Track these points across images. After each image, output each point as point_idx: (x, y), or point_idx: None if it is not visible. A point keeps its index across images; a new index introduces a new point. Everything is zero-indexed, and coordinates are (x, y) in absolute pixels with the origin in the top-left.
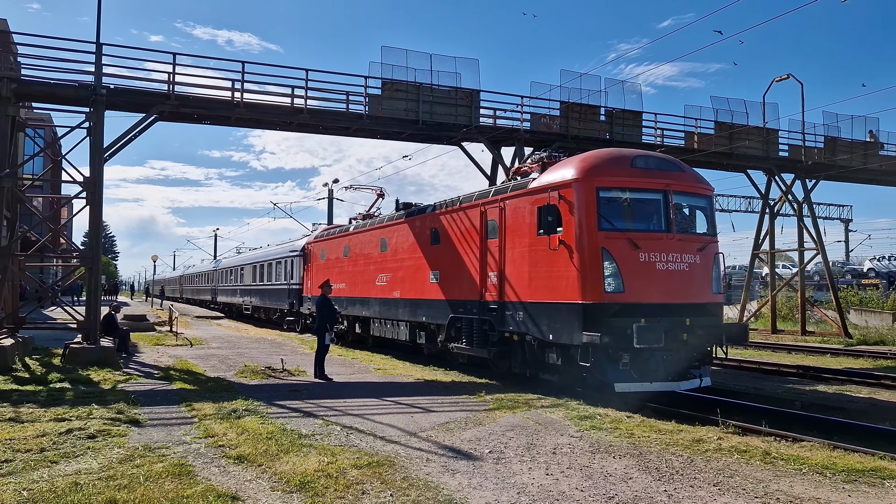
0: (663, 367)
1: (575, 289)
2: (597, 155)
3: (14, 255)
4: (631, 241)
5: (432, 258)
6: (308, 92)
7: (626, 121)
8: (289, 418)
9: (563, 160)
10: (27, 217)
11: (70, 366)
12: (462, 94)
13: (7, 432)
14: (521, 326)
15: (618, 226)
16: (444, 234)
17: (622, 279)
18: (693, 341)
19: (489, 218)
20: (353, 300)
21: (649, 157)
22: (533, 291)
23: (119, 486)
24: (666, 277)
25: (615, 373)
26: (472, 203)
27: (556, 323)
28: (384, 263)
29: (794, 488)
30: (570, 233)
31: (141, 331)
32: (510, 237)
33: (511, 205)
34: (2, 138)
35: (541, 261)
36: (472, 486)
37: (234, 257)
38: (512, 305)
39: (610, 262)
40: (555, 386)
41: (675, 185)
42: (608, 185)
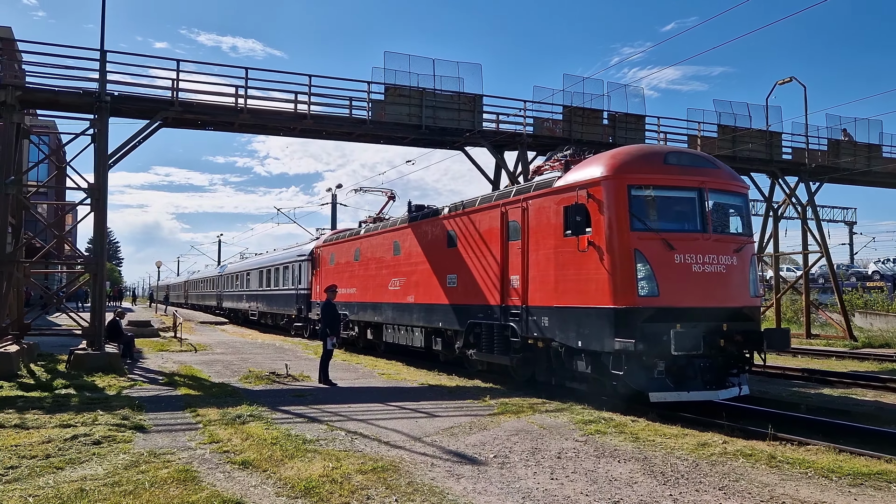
0: (701, 374)
1: (606, 292)
2: (627, 151)
3: (19, 261)
4: (665, 242)
5: (449, 261)
6: (311, 97)
7: (629, 124)
8: (293, 423)
9: (588, 158)
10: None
11: (75, 372)
12: (465, 99)
13: (12, 438)
14: (547, 332)
15: (651, 226)
16: (462, 236)
17: (656, 282)
18: (730, 347)
19: (510, 219)
20: (364, 305)
21: (682, 154)
22: (560, 295)
23: (124, 492)
24: (702, 280)
25: (649, 381)
26: (492, 204)
27: (585, 329)
28: (397, 267)
29: (800, 492)
30: (600, 233)
31: (145, 336)
32: (534, 239)
33: (535, 205)
34: (7, 145)
35: (568, 263)
36: (476, 491)
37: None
38: (536, 310)
39: (643, 264)
40: (558, 390)
41: (711, 182)
42: (640, 182)
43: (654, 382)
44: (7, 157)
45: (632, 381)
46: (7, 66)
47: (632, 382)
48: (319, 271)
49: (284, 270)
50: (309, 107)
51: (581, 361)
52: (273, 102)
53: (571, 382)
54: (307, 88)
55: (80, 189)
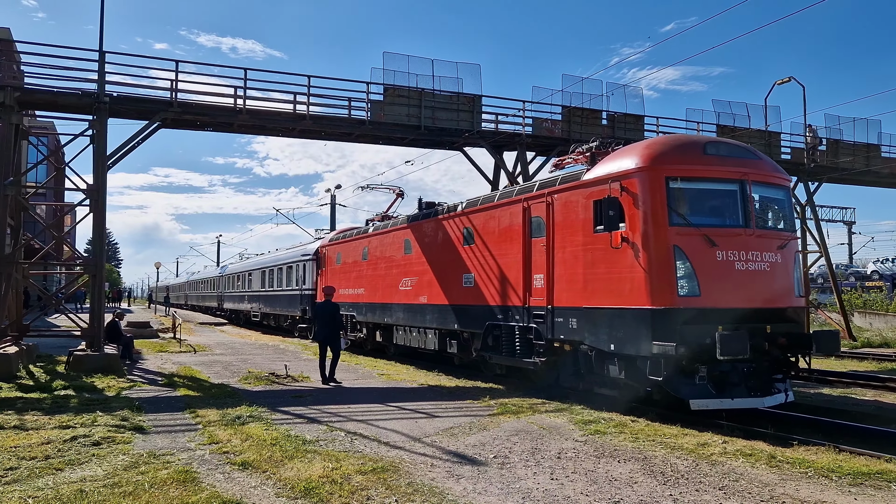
0: (745, 380)
1: (642, 292)
2: (663, 141)
3: (18, 262)
4: (706, 238)
5: (465, 260)
6: (310, 98)
7: (628, 124)
8: (293, 424)
9: (619, 149)
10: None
11: (74, 373)
12: (464, 99)
13: (12, 440)
14: (575, 335)
15: (691, 220)
16: (479, 233)
17: (697, 281)
18: (775, 351)
19: (533, 214)
20: (373, 306)
21: (721, 143)
22: (589, 295)
23: (124, 493)
24: (745, 279)
25: (690, 388)
26: (513, 199)
27: (618, 331)
28: (409, 266)
29: (800, 492)
30: (636, 229)
31: (145, 338)
32: (560, 235)
33: (561, 199)
34: (5, 146)
35: (599, 261)
36: (476, 492)
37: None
38: (563, 311)
39: (683, 262)
40: (559, 390)
41: (753, 174)
42: (679, 174)
43: (695, 389)
44: (6, 158)
45: (671, 387)
46: (6, 66)
47: (671, 389)
48: (325, 271)
49: (288, 270)
50: (308, 107)
51: (613, 366)
52: (272, 103)
53: (601, 388)
54: (306, 89)
55: (79, 190)
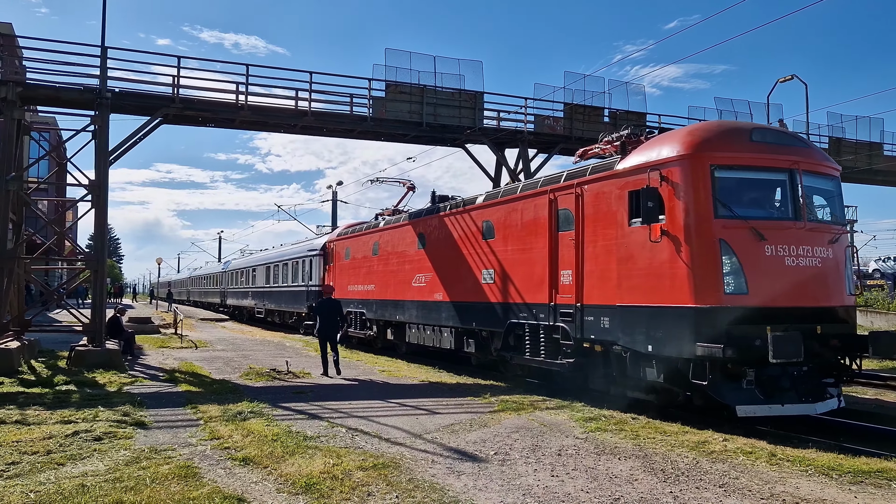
0: (795, 385)
1: (685, 289)
2: (707, 127)
3: (20, 257)
4: (754, 231)
5: (485, 255)
6: (312, 94)
7: (631, 122)
8: (294, 420)
9: (656, 136)
10: (32, 220)
11: (76, 368)
12: (466, 96)
13: (14, 435)
14: (607, 335)
15: (738, 212)
16: (501, 227)
17: (745, 278)
18: (826, 353)
19: (561, 207)
20: (384, 303)
21: (767, 130)
22: (624, 293)
23: (126, 488)
24: (795, 275)
25: (736, 393)
26: (538, 190)
27: (657, 331)
28: (422, 262)
29: (801, 489)
30: (677, 221)
31: (146, 333)
32: (591, 228)
33: (591, 190)
34: (7, 141)
35: (635, 256)
36: (477, 488)
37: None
38: (594, 310)
39: (730, 257)
40: (559, 388)
41: (803, 162)
42: (725, 162)
43: (742, 395)
44: (8, 154)
45: (716, 392)
46: (8, 62)
47: (715, 394)
48: (332, 267)
49: (294, 266)
50: (310, 104)
51: (651, 369)
52: (274, 99)
53: (635, 392)
54: (308, 85)
55: (80, 185)
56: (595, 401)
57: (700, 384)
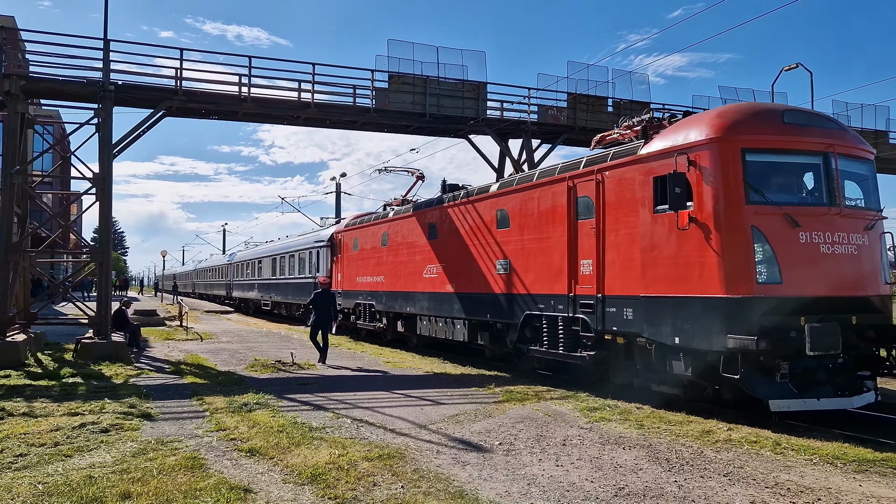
0: (831, 378)
1: (715, 279)
2: (737, 109)
3: (25, 251)
4: (788, 218)
5: (500, 245)
6: (315, 86)
7: (635, 112)
8: (299, 411)
9: (681, 120)
10: (37, 213)
11: (82, 361)
12: (469, 87)
13: (21, 427)
14: (631, 326)
15: (771, 198)
16: (516, 215)
17: (778, 266)
18: (861, 345)
19: (580, 194)
20: (394, 295)
21: (799, 112)
22: (649, 283)
23: (133, 479)
24: (830, 263)
25: (769, 387)
26: (555, 178)
27: (684, 322)
28: (434, 252)
29: (805, 478)
30: (706, 207)
31: (151, 325)
32: (612, 216)
33: (613, 177)
34: (11, 135)
35: (660, 244)
36: (482, 478)
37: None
38: (616, 300)
39: (762, 245)
40: (564, 378)
41: (838, 146)
42: (756, 145)
43: (776, 388)
44: (12, 147)
45: (748, 386)
46: (11, 55)
47: (748, 388)
48: (341, 258)
49: (301, 257)
50: (313, 95)
51: (678, 362)
52: (277, 91)
53: (660, 386)
54: (311, 77)
55: (85, 179)
56: (599, 391)
57: (732, 378)
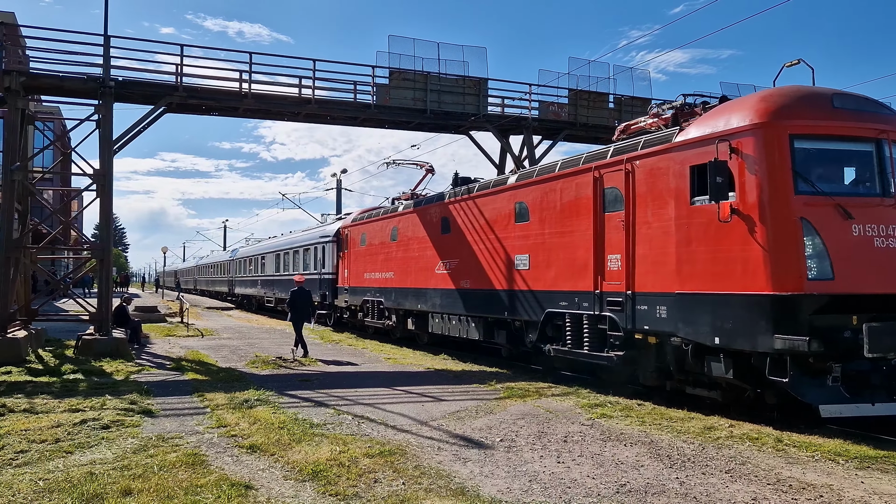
0: (887, 382)
1: (760, 274)
2: (783, 93)
3: (25, 247)
4: (840, 209)
5: (518, 239)
6: (315, 82)
7: (636, 108)
8: (300, 408)
9: (718, 105)
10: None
11: (83, 357)
12: (470, 83)
13: (22, 423)
14: (664, 325)
15: (821, 188)
16: (536, 208)
17: (829, 261)
18: None
19: (607, 185)
20: (404, 292)
21: (849, 96)
22: (684, 279)
23: (134, 476)
24: (884, 258)
25: (819, 391)
26: (580, 168)
27: (725, 321)
28: (447, 247)
29: (807, 475)
30: (751, 198)
31: (152, 322)
32: (643, 208)
33: (644, 166)
34: (11, 131)
35: (698, 238)
36: (483, 475)
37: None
38: (647, 298)
39: (812, 238)
40: (565, 375)
41: (892, 132)
42: (805, 131)
43: (826, 393)
44: (12, 144)
45: (797, 390)
46: (11, 51)
47: (796, 392)
48: (347, 253)
49: (305, 253)
50: (313, 91)
51: (717, 363)
52: (278, 87)
53: (695, 388)
54: (312, 73)
55: (85, 175)
56: (600, 388)
57: (779, 381)
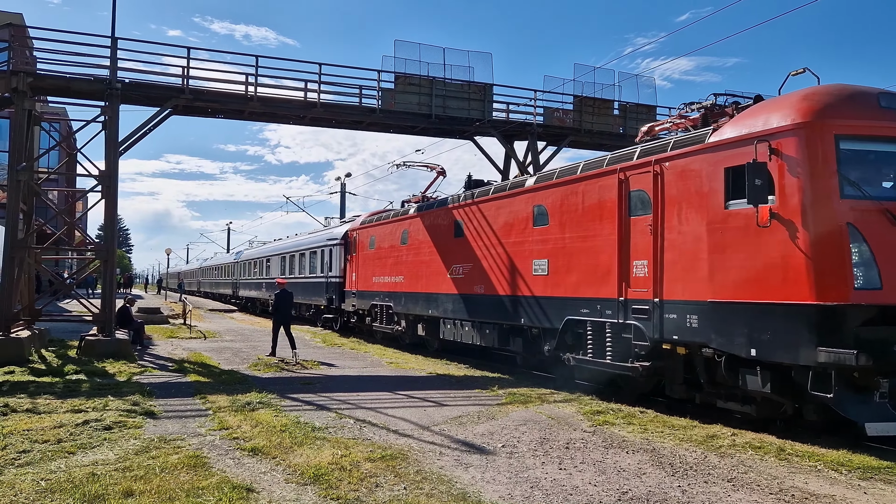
0: None
1: (803, 283)
2: (826, 91)
3: (30, 247)
4: (888, 215)
5: (537, 243)
6: (321, 86)
7: (640, 115)
8: (302, 411)
9: (754, 105)
10: (43, 210)
11: (86, 358)
12: (475, 88)
13: (25, 423)
14: (695, 335)
15: (869, 192)
16: (556, 211)
17: (877, 269)
18: None
19: (633, 188)
20: (414, 296)
21: (894, 96)
22: (718, 287)
23: (135, 477)
24: None
25: (864, 408)
26: (604, 170)
27: (763, 332)
28: (460, 251)
29: (810, 485)
30: (792, 202)
31: (155, 323)
32: (673, 212)
33: (674, 168)
34: (18, 132)
35: (734, 243)
36: (485, 480)
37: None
38: (676, 306)
39: (859, 245)
40: (568, 381)
41: None
42: (852, 132)
43: (873, 409)
44: (18, 144)
45: (842, 406)
46: (18, 52)
47: (840, 408)
48: (355, 257)
49: (312, 256)
50: (319, 95)
51: (753, 376)
52: (283, 91)
53: (727, 402)
54: (317, 77)
55: (90, 176)
56: (603, 395)
57: (822, 397)
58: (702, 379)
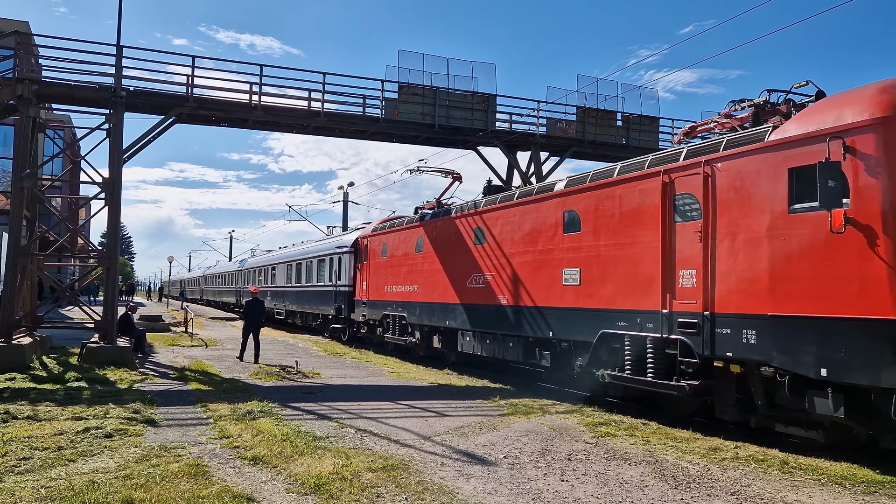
0: None
1: (885, 296)
2: None
3: (33, 254)
4: None
5: (567, 251)
6: (325, 95)
7: (643, 126)
8: (303, 420)
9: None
10: (46, 217)
11: (87, 365)
12: (478, 99)
13: (25, 430)
14: (753, 353)
15: None
16: (590, 217)
17: None
18: None
19: (679, 191)
20: (430, 307)
21: None
22: (780, 299)
23: (135, 486)
24: None
25: None
26: (644, 172)
27: (836, 351)
28: (481, 259)
29: (813, 499)
30: (871, 206)
31: (156, 331)
32: (727, 217)
33: (728, 169)
34: (23, 139)
35: (800, 251)
36: (486, 492)
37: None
38: (731, 320)
39: None
40: (570, 392)
41: None
42: None
43: None
44: (23, 151)
45: None
46: (24, 60)
47: None
48: (366, 265)
49: (320, 264)
50: (322, 104)
51: (823, 399)
52: (287, 100)
53: (789, 427)
54: (321, 86)
55: (94, 183)
56: (605, 406)
57: None
58: (758, 400)
